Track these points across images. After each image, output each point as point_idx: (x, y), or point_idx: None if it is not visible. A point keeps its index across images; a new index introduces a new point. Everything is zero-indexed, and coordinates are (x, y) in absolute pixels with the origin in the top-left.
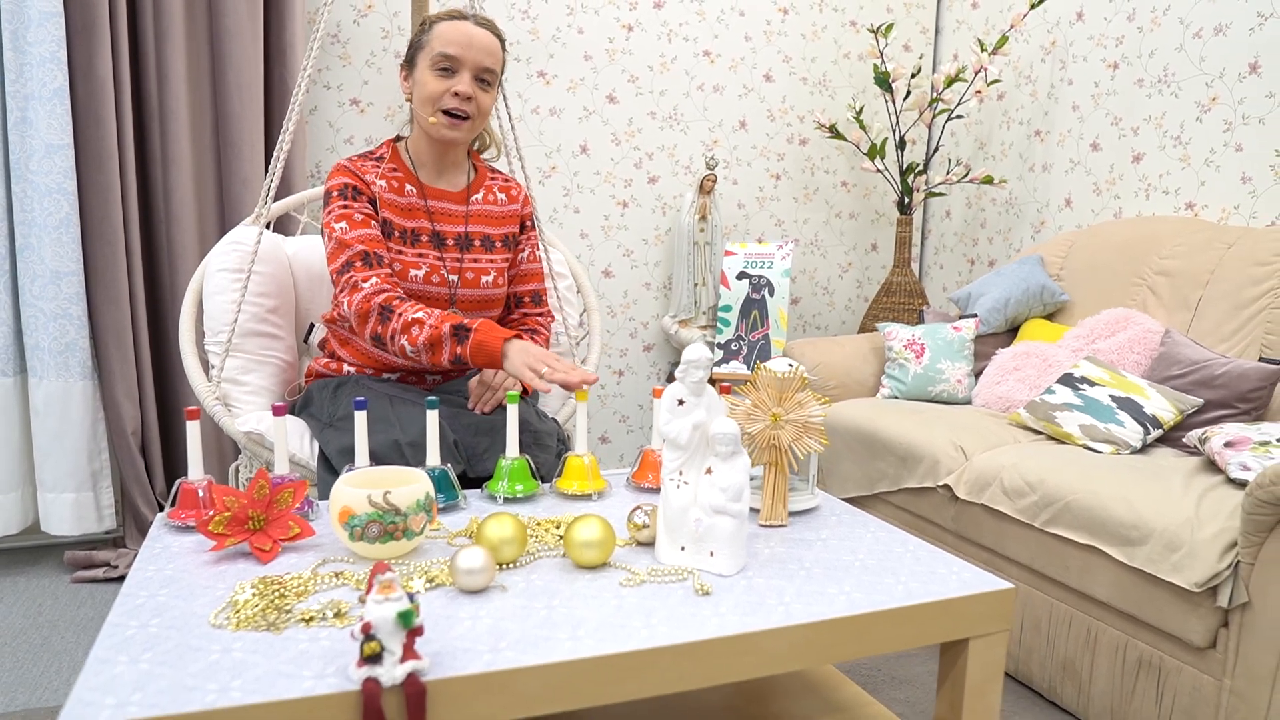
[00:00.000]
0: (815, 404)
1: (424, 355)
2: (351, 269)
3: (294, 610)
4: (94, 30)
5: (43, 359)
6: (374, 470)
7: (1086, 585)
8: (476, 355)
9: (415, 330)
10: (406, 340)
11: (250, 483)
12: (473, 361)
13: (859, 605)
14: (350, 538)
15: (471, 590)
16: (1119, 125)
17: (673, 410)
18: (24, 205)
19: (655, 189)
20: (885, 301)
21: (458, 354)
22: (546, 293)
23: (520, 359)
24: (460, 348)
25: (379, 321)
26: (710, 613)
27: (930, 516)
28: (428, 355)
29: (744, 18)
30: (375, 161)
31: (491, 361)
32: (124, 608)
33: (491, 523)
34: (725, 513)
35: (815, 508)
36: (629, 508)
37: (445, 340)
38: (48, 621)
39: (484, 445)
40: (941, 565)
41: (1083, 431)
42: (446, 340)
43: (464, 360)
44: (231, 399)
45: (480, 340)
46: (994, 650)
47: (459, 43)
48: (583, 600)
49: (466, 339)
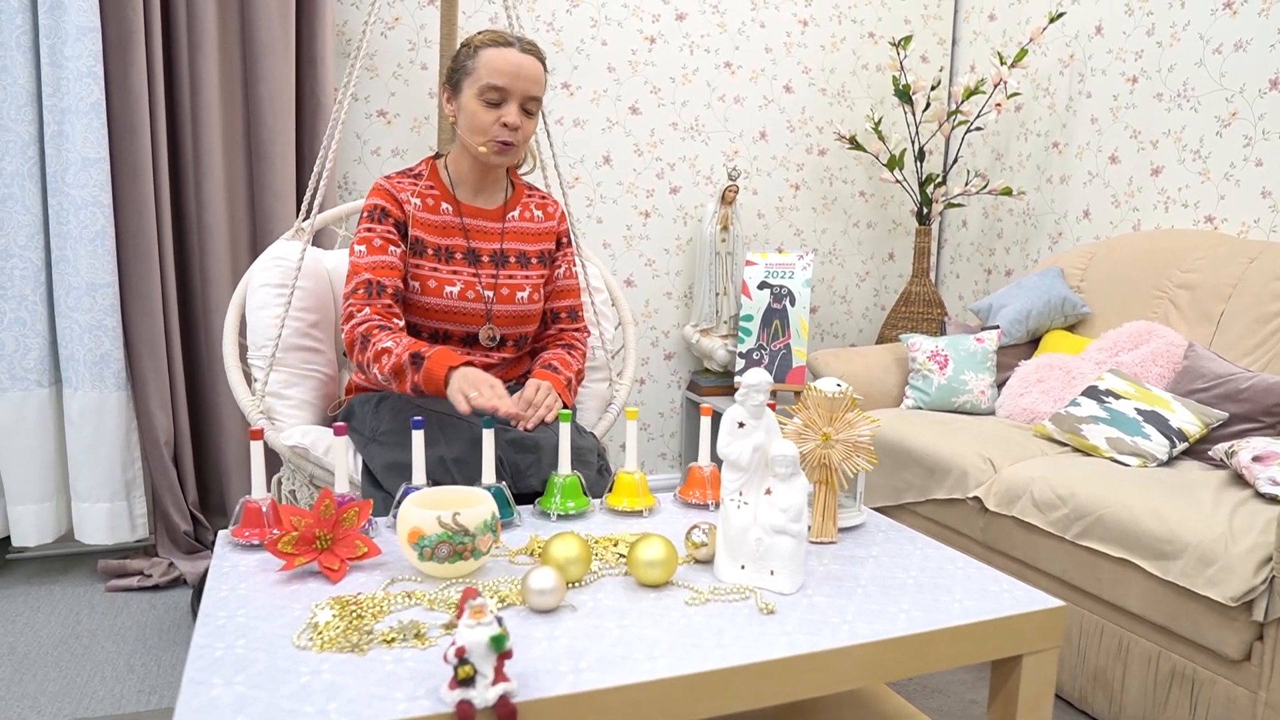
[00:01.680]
0: (865, 423)
1: (393, 384)
2: (354, 297)
3: (374, 631)
4: (129, 44)
5: (78, 370)
6: (437, 490)
7: (1119, 597)
8: (427, 383)
9: (384, 359)
10: (378, 369)
11: (315, 502)
12: (425, 390)
13: (919, 623)
14: (420, 558)
15: (542, 610)
16: (1138, 138)
17: (733, 432)
18: (60, 218)
19: (677, 199)
20: (904, 311)
21: (415, 382)
22: (583, 308)
23: (457, 385)
24: (417, 375)
25: (360, 350)
26: (777, 631)
27: (958, 528)
28: (395, 384)
29: (764, 29)
30: (413, 179)
31: (438, 390)
32: (207, 628)
33: (557, 543)
34: (786, 533)
35: (862, 524)
36: (679, 524)
37: (406, 369)
38: (86, 631)
39: (527, 462)
40: (992, 583)
41: (1109, 444)
42: (406, 368)
43: (420, 389)
44: (275, 413)
45: (429, 369)
46: (1046, 667)
47: (507, 73)
48: (651, 620)
49: (420, 366)
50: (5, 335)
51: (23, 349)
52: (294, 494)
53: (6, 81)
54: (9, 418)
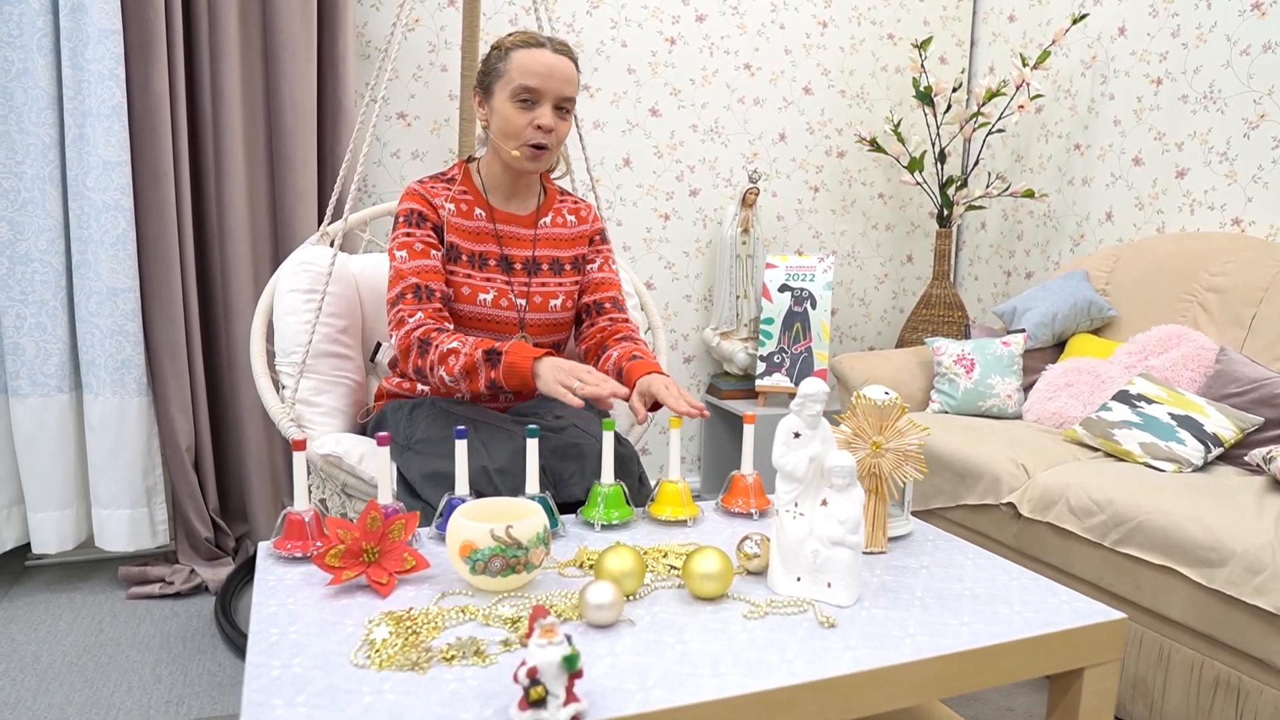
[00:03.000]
0: (915, 431)
1: (462, 384)
2: (402, 302)
3: (432, 648)
4: (151, 47)
5: (98, 375)
6: (485, 502)
7: (1160, 605)
8: (509, 378)
9: (451, 360)
10: (444, 370)
11: (361, 514)
12: (506, 385)
13: (981, 637)
14: (472, 571)
15: (600, 625)
16: (1162, 140)
17: (788, 442)
18: (81, 222)
19: (696, 201)
20: (924, 314)
21: (492, 379)
22: (624, 301)
23: (552, 376)
24: (494, 372)
25: (418, 354)
26: (841, 646)
27: (990, 533)
28: (466, 384)
29: (784, 31)
30: (446, 183)
31: (524, 383)
32: (260, 646)
33: (611, 555)
34: (843, 544)
35: (909, 533)
36: (724, 533)
37: (479, 366)
38: (110, 640)
39: (570, 470)
40: (1049, 594)
41: (1143, 449)
42: (480, 366)
43: (499, 385)
44: (305, 420)
45: (511, 362)
46: (1107, 680)
47: (539, 74)
48: (712, 634)
49: (498, 363)
50: (25, 340)
51: (43, 354)
52: (324, 503)
53: (27, 84)
54: (29, 424)
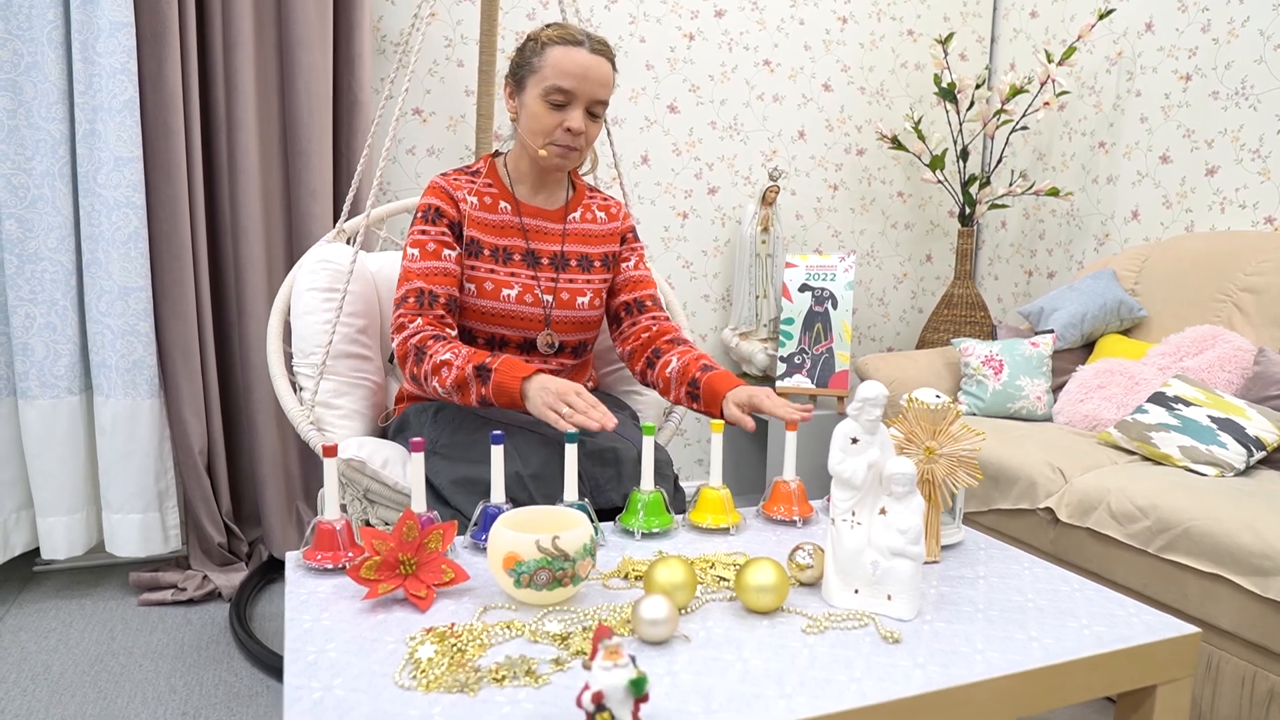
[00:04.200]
0: (969, 436)
1: (455, 397)
2: (404, 306)
3: (481, 668)
4: (163, 40)
5: (109, 377)
6: (525, 512)
7: (1208, 614)
8: (498, 396)
9: (445, 372)
10: (437, 382)
11: (396, 524)
12: (496, 403)
13: (1053, 653)
14: (516, 584)
15: (655, 641)
16: (1191, 138)
17: (845, 449)
18: (91, 219)
19: (715, 200)
20: (945, 314)
21: (482, 395)
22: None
23: (540, 399)
24: (484, 389)
25: (414, 363)
26: (909, 663)
27: (1025, 539)
28: (458, 397)
29: (804, 26)
30: (471, 176)
31: (512, 403)
32: (298, 666)
33: (661, 567)
34: (904, 555)
35: (960, 541)
36: (767, 541)
37: (470, 381)
38: (122, 648)
39: (607, 475)
40: (1116, 607)
41: (1182, 453)
42: (471, 381)
43: (489, 402)
44: (324, 423)
45: (499, 381)
46: (1180, 697)
47: (575, 75)
48: (772, 650)
49: (488, 379)
50: (35, 341)
51: (53, 355)
52: (343, 508)
53: (37, 78)
54: (39, 426)
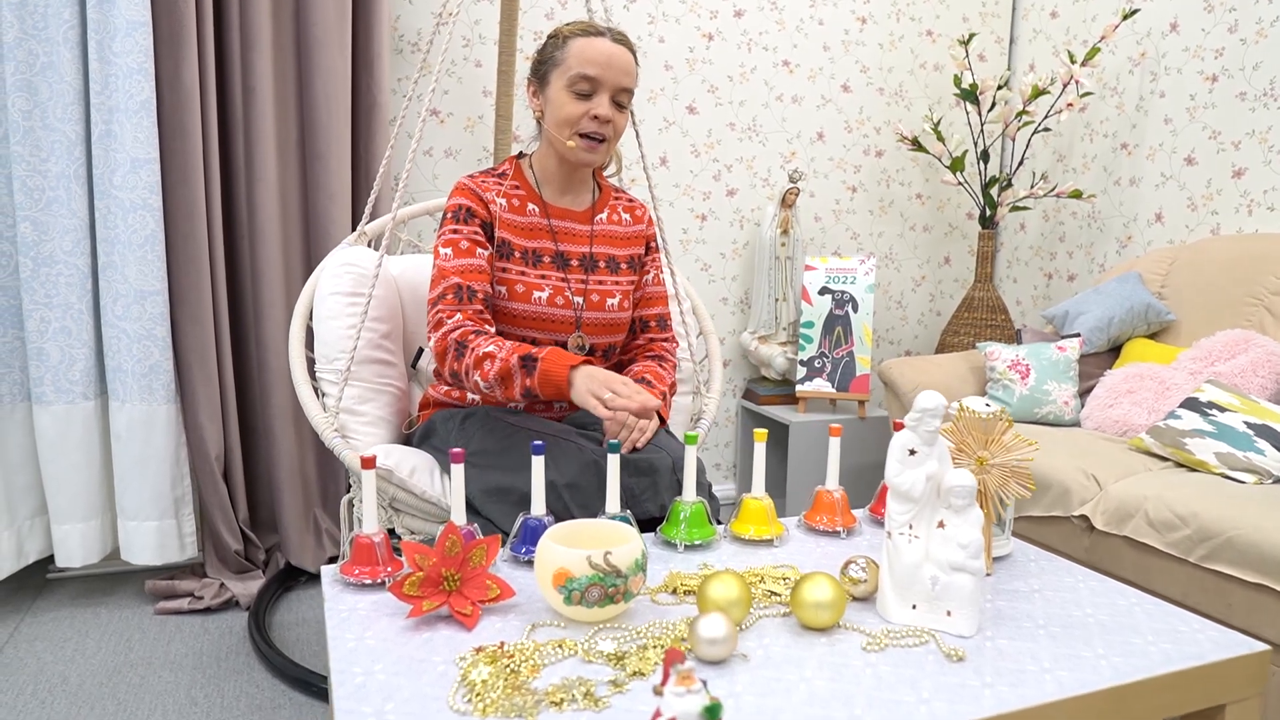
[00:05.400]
0: (1023, 446)
1: (497, 390)
2: (442, 302)
3: (536, 690)
4: (181, 40)
5: (125, 382)
6: (571, 526)
7: (1254, 624)
8: (544, 386)
9: (487, 365)
10: (479, 376)
11: (439, 538)
12: (541, 393)
13: (1123, 672)
14: (566, 601)
15: (713, 661)
16: (1217, 139)
17: (903, 460)
18: (107, 222)
19: (733, 202)
20: (966, 317)
21: (527, 386)
22: (671, 316)
23: (585, 385)
24: (529, 379)
25: (454, 358)
26: (977, 683)
27: (1058, 546)
28: (501, 390)
29: (823, 26)
30: (497, 178)
31: (559, 392)
32: (346, 689)
33: (715, 583)
34: (965, 570)
35: (1009, 553)
36: (813, 553)
37: (515, 372)
38: (140, 659)
39: (644, 485)
40: (1178, 621)
41: (1219, 459)
42: (516, 372)
43: (534, 393)
44: (349, 430)
45: (546, 369)
46: (1249, 717)
47: (598, 63)
48: (834, 670)
49: (534, 369)
50: (49, 345)
51: (68, 360)
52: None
53: (53, 79)
54: (53, 432)
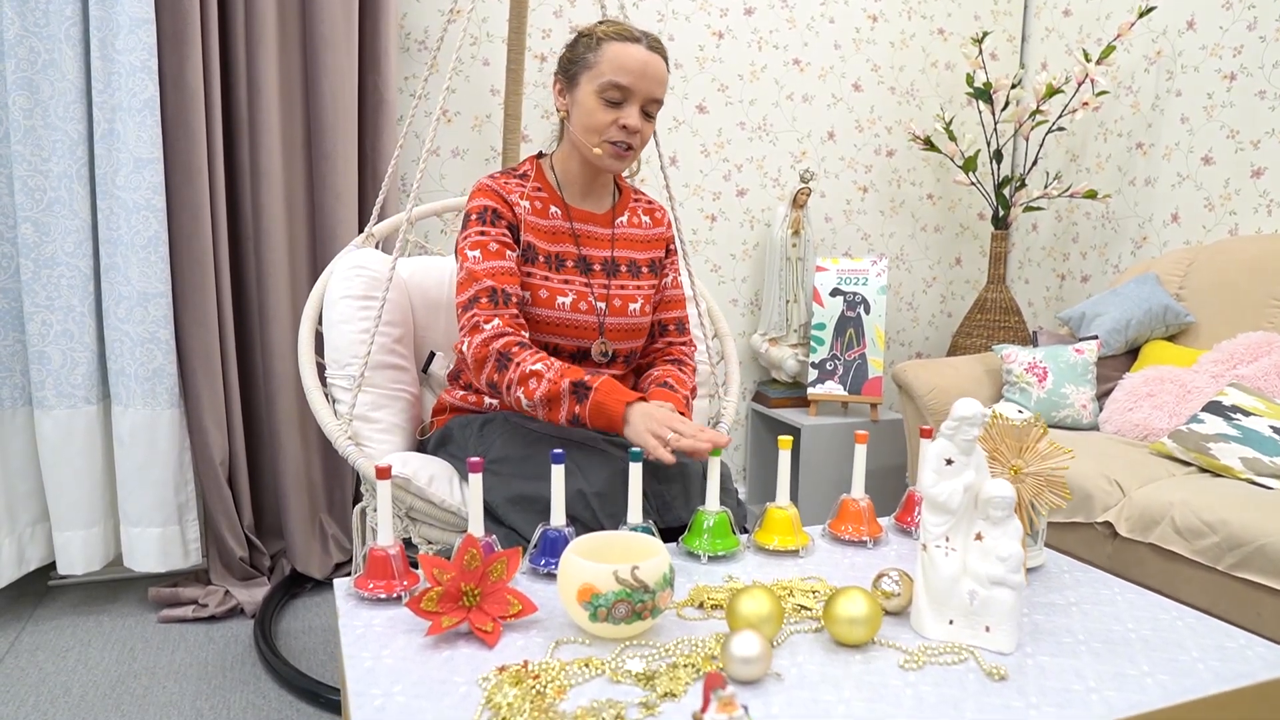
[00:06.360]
0: (1058, 454)
1: (540, 411)
2: (476, 305)
3: (565, 713)
4: (185, 37)
5: (128, 386)
6: (596, 539)
7: None
8: (595, 417)
9: (533, 383)
10: (523, 393)
11: (458, 551)
12: (590, 423)
13: (1172, 692)
14: (592, 618)
15: (747, 680)
16: (1236, 138)
17: (939, 470)
18: (110, 223)
19: (743, 202)
20: (978, 318)
21: (575, 413)
22: (689, 319)
23: (644, 425)
24: (579, 407)
25: (495, 369)
26: (1022, 703)
27: (1080, 553)
28: (544, 411)
29: (834, 25)
30: (519, 179)
31: (611, 425)
32: (365, 713)
33: (745, 598)
34: (1005, 584)
35: (1042, 565)
36: (839, 564)
37: (564, 397)
38: (144, 668)
39: (673, 492)
40: (1224, 637)
41: (1244, 465)
42: (565, 397)
43: (581, 421)
44: (362, 438)
45: (600, 401)
46: None
47: (633, 71)
48: (872, 689)
49: (586, 398)
50: (51, 349)
51: (70, 363)
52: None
53: (54, 77)
54: (55, 436)
